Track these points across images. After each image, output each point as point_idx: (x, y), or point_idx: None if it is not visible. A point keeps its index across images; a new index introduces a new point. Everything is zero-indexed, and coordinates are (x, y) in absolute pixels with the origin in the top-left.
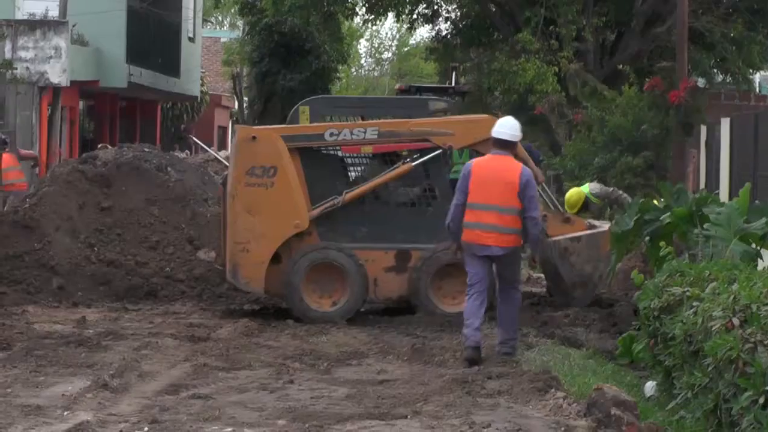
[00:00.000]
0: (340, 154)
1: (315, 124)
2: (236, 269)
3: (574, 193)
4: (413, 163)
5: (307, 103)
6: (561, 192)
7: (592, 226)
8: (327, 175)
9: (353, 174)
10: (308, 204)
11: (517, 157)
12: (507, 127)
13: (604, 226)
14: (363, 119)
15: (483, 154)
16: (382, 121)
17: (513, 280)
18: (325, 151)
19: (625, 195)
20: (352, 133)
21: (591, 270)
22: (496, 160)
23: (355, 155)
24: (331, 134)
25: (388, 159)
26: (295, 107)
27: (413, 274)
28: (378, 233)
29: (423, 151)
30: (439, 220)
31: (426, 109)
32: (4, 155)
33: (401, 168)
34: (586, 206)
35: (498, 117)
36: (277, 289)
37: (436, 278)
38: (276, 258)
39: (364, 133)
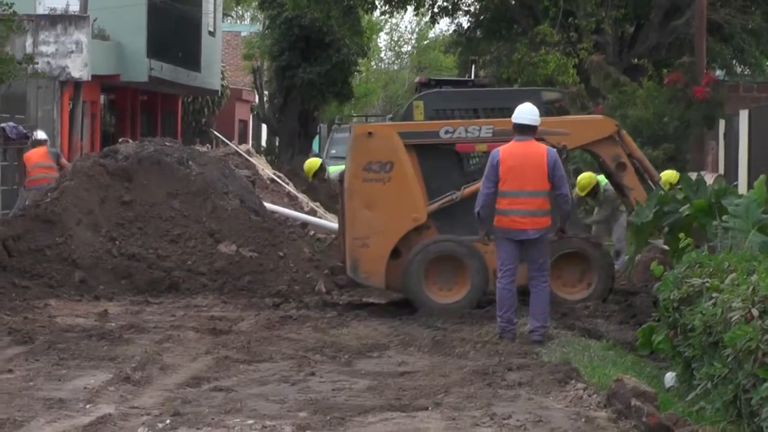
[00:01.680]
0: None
1: (430, 121)
2: (356, 264)
3: (586, 176)
4: None
5: (421, 98)
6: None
7: None
8: (443, 169)
9: (470, 167)
10: (425, 198)
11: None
12: (527, 112)
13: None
14: (476, 112)
15: (599, 158)
16: (497, 119)
17: (543, 263)
18: (440, 146)
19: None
20: (467, 131)
21: None
22: (521, 146)
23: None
24: (446, 132)
25: None
26: (409, 102)
27: None
28: None
29: None
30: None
31: (539, 99)
32: (37, 150)
33: None
34: (595, 194)
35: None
36: (397, 284)
37: (555, 267)
38: (395, 252)
39: (479, 131)
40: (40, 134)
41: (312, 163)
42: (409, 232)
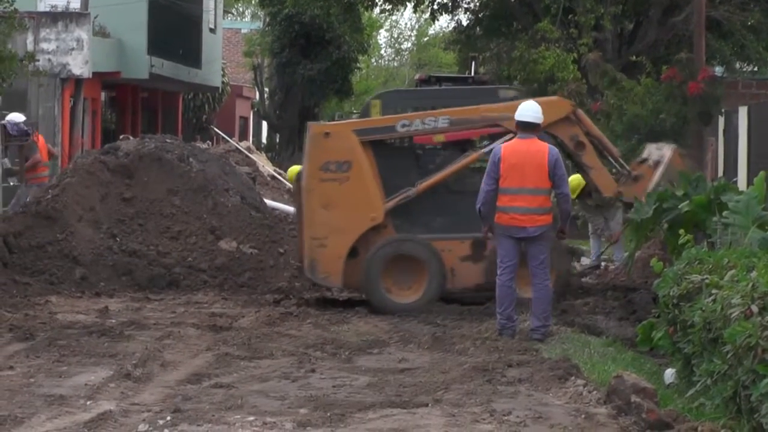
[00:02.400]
0: (412, 145)
1: (386, 116)
2: (314, 264)
3: (575, 178)
4: (481, 151)
5: (379, 97)
6: None
7: (657, 163)
8: (401, 166)
9: (426, 165)
10: (383, 196)
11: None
12: (531, 110)
13: (665, 151)
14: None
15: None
16: (453, 109)
17: (543, 259)
18: (398, 143)
19: (619, 204)
20: (423, 123)
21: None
22: (523, 144)
23: (427, 145)
24: (403, 125)
25: (461, 148)
26: (367, 101)
27: (490, 262)
28: (453, 223)
29: (494, 137)
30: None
31: (496, 97)
32: (43, 143)
33: (470, 157)
34: (589, 193)
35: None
36: (355, 283)
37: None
38: (353, 252)
39: (436, 122)
40: (18, 116)
41: (293, 170)
42: (367, 232)
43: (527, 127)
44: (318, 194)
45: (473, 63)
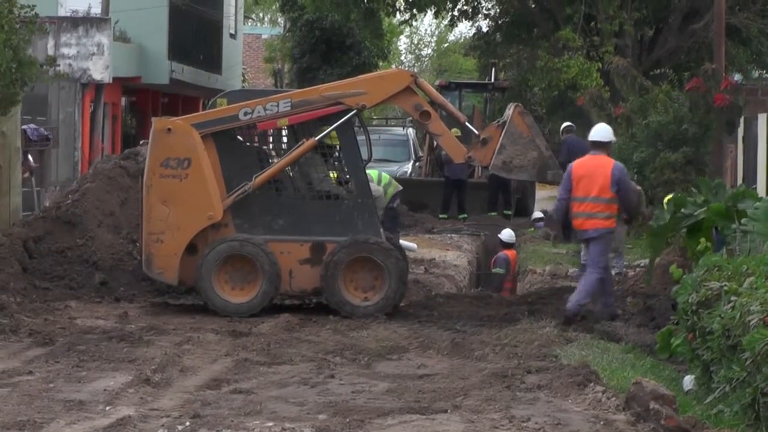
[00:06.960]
0: (256, 144)
1: (227, 106)
2: (150, 260)
3: None
4: (314, 139)
5: (225, 96)
6: None
7: (503, 123)
8: (241, 158)
9: (267, 158)
10: (223, 194)
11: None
12: (603, 131)
13: (509, 111)
14: None
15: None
16: (294, 91)
17: (596, 257)
18: (241, 140)
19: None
20: (265, 109)
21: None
22: (593, 159)
23: (271, 136)
24: (245, 113)
25: (295, 138)
26: (213, 100)
27: (327, 266)
28: (295, 225)
29: (333, 119)
30: (355, 211)
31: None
32: None
33: (305, 144)
34: None
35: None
36: (191, 280)
37: (348, 271)
38: (194, 249)
39: (277, 106)
40: None
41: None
42: (206, 230)
43: (598, 146)
44: (157, 190)
45: (493, 69)
